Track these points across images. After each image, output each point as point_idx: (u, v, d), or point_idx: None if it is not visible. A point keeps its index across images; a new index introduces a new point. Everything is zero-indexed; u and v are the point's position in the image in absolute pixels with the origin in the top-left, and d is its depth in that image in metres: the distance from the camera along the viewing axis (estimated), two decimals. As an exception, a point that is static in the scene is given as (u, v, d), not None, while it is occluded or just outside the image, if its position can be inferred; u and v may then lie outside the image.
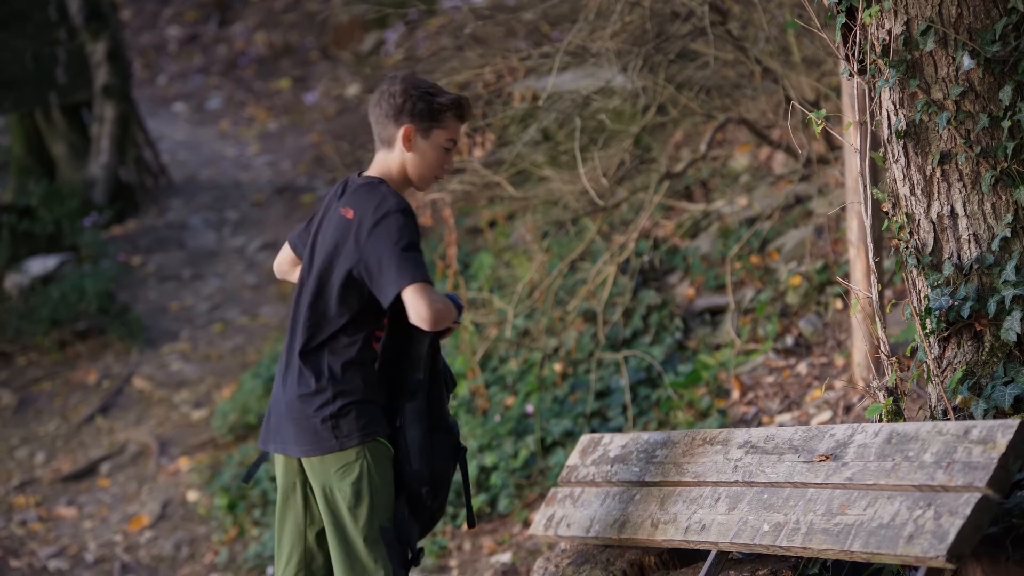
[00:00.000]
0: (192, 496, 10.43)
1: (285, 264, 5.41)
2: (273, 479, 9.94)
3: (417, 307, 4.77)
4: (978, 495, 4.02)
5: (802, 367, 8.17)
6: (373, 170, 5.15)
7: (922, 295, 4.93)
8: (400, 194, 5.03)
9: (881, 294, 5.11)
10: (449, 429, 5.12)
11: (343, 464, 4.93)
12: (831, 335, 8.26)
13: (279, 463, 5.18)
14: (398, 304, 4.84)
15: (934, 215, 4.87)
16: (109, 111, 15.70)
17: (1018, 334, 4.67)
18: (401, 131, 5.03)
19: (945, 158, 4.80)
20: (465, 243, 11.35)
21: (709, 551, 4.96)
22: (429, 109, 5.02)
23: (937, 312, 4.84)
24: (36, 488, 10.99)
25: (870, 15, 4.83)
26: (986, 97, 4.73)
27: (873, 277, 5.19)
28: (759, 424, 7.86)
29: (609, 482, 5.45)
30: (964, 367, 4.81)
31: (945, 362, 4.91)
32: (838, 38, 5.00)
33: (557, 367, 9.13)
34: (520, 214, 10.38)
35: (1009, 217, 4.72)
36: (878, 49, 4.87)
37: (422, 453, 5.02)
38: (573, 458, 5.77)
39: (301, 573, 5.17)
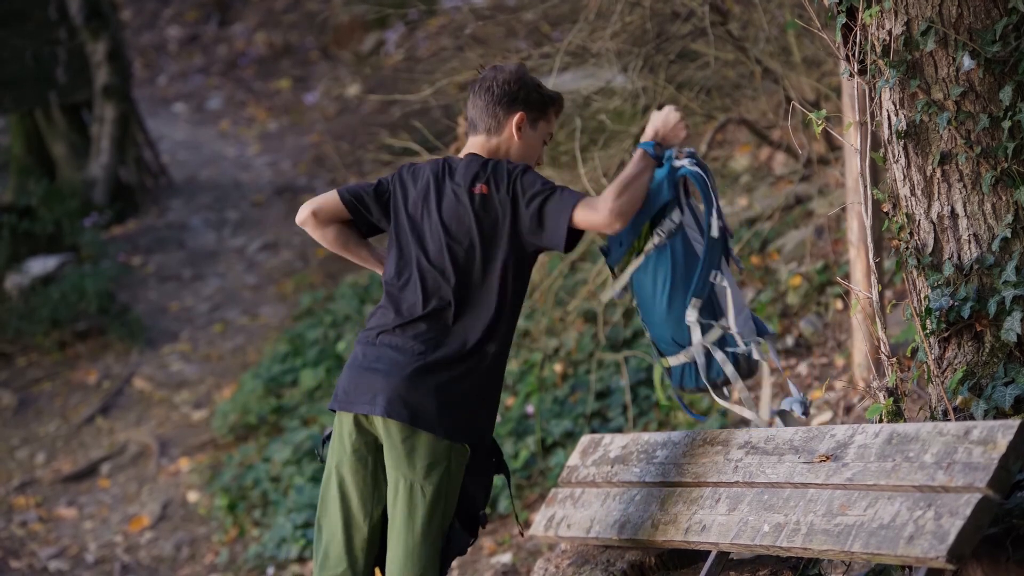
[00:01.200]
0: (192, 497, 10.43)
1: (324, 214, 5.21)
2: (274, 479, 9.94)
3: (600, 207, 4.85)
4: (978, 496, 4.02)
5: (802, 367, 8.17)
6: (474, 150, 5.12)
7: (922, 295, 4.93)
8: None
9: (881, 294, 5.11)
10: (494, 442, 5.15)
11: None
12: (831, 335, 8.25)
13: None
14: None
15: (934, 215, 4.87)
16: (109, 111, 15.70)
17: (1018, 334, 4.67)
18: (516, 117, 5.08)
19: (945, 158, 4.80)
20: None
21: (709, 552, 4.96)
22: (541, 100, 5.14)
23: (937, 312, 4.84)
24: (36, 489, 10.99)
25: (870, 15, 4.82)
26: (986, 97, 4.72)
27: (873, 277, 5.19)
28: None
29: (609, 483, 5.45)
30: (964, 368, 4.81)
31: (945, 363, 4.90)
32: (838, 38, 5.00)
33: (557, 368, 9.13)
34: (520, 214, 10.35)
35: (1009, 217, 4.71)
36: (878, 49, 4.86)
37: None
38: (573, 459, 5.77)
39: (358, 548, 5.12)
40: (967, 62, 4.70)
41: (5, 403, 12.21)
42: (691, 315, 5.09)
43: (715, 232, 5.09)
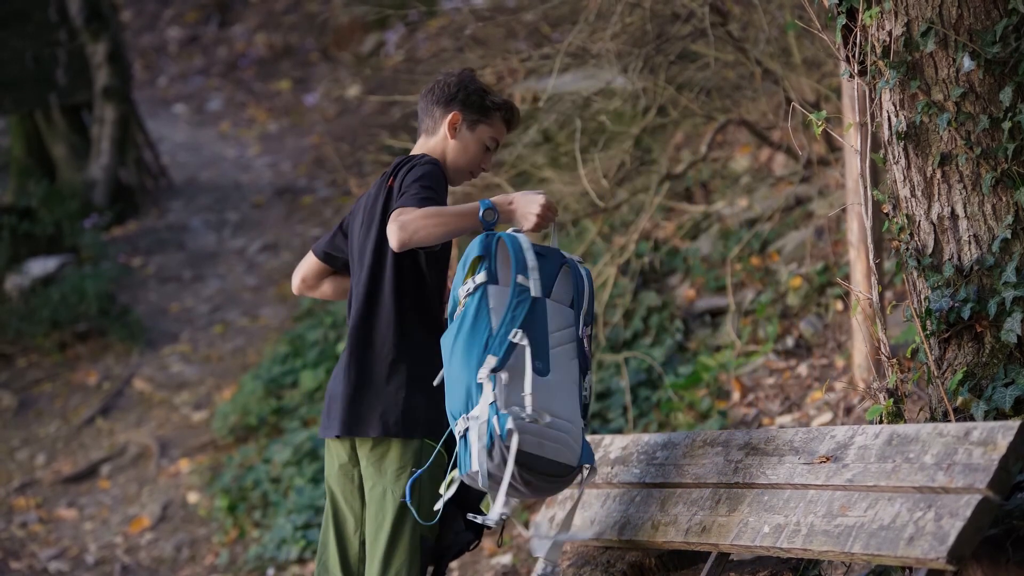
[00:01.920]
0: (192, 498, 10.43)
1: (311, 277, 5.32)
2: (274, 480, 9.94)
3: (401, 220, 4.68)
4: (978, 497, 4.02)
5: (802, 368, 8.17)
6: (414, 150, 5.18)
7: (922, 296, 4.93)
8: None
9: (881, 295, 5.11)
10: None
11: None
12: (831, 336, 8.25)
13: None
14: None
15: (934, 216, 4.87)
16: (109, 112, 15.70)
17: (1018, 336, 4.67)
18: (449, 117, 5.07)
19: (945, 159, 4.80)
20: (465, 244, 11.34)
21: (710, 553, 4.96)
22: (480, 103, 5.08)
23: (937, 313, 4.84)
24: (37, 490, 10.99)
25: (870, 16, 4.82)
26: (986, 98, 4.72)
27: (873, 278, 5.19)
28: (759, 426, 7.85)
29: (610, 484, 5.45)
30: (964, 369, 4.81)
31: (945, 364, 4.90)
32: (838, 39, 5.00)
33: (558, 368, 9.11)
34: (520, 215, 10.35)
35: (1009, 218, 4.71)
36: (878, 50, 4.86)
37: None
38: (573, 460, 5.76)
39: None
40: (967, 63, 4.70)
41: (5, 404, 12.21)
42: (482, 372, 4.52)
43: (532, 288, 4.63)
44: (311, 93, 18.61)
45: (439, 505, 4.74)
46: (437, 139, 5.12)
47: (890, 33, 4.83)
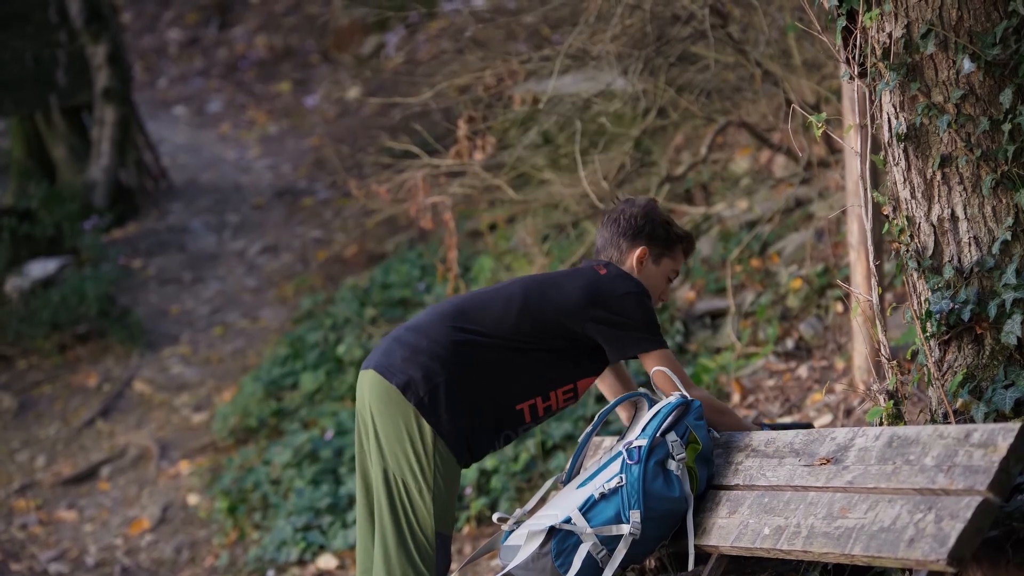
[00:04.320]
0: (192, 499, 10.43)
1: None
2: (274, 482, 9.93)
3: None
4: (979, 498, 4.01)
5: (803, 370, 8.17)
6: None
7: (922, 298, 4.93)
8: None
9: (881, 297, 5.10)
10: None
11: None
12: (832, 338, 8.25)
13: None
14: None
15: (934, 218, 4.87)
16: (109, 114, 15.70)
17: (1019, 337, 4.67)
18: (637, 252, 5.20)
19: (945, 161, 4.80)
20: (466, 246, 11.36)
21: (710, 554, 4.96)
22: (667, 237, 5.23)
23: (938, 315, 4.84)
24: (36, 491, 10.98)
25: (870, 18, 4.82)
26: (986, 100, 4.72)
27: (873, 280, 5.18)
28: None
29: (610, 485, 5.44)
30: (965, 370, 4.81)
31: (946, 365, 4.90)
32: (838, 41, 5.00)
33: (558, 370, 9.11)
34: (521, 217, 10.37)
35: (1010, 220, 4.71)
36: (878, 52, 4.86)
37: None
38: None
39: None
40: (967, 65, 4.70)
41: (5, 406, 12.21)
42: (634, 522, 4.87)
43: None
44: (311, 95, 18.61)
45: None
46: (620, 270, 5.21)
47: (890, 35, 4.83)
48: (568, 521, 4.85)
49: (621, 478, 4.86)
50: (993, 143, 4.72)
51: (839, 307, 8.33)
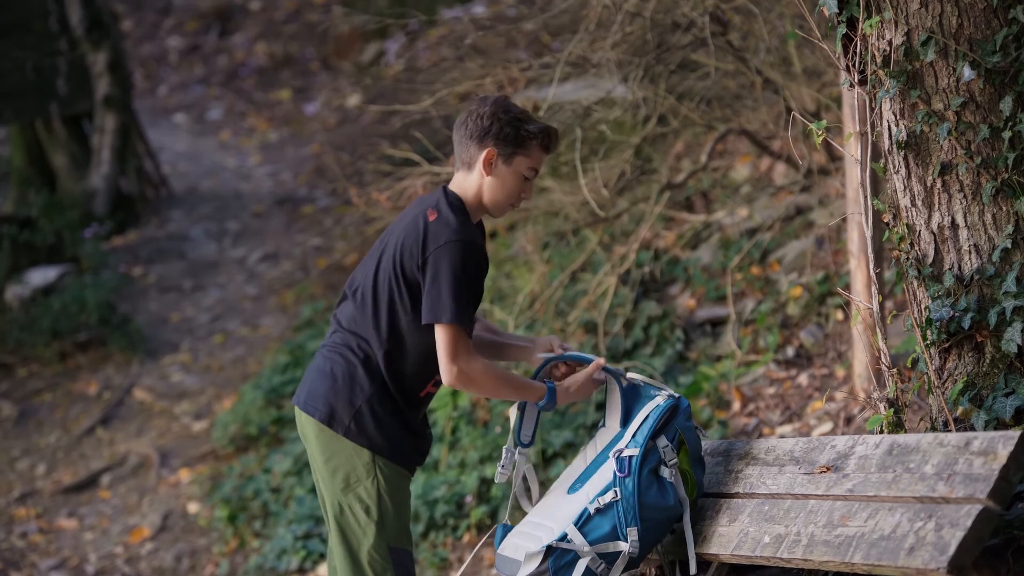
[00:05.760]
0: (193, 508, 10.42)
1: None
2: (274, 490, 9.93)
3: (459, 362, 4.89)
4: (979, 507, 4.01)
5: (803, 378, 8.16)
6: (452, 186, 5.10)
7: (923, 306, 4.93)
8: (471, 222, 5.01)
9: (882, 305, 5.10)
10: None
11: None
12: (832, 346, 8.25)
13: None
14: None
15: (935, 226, 4.87)
16: (110, 122, 15.70)
17: (1019, 345, 4.67)
18: (483, 154, 4.97)
19: (946, 169, 4.80)
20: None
21: (710, 563, 4.96)
22: (516, 135, 4.97)
23: (938, 323, 4.84)
24: (37, 500, 10.98)
25: (871, 26, 4.82)
26: (987, 108, 4.72)
27: (874, 288, 5.18)
28: (760, 435, 7.85)
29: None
30: (965, 378, 4.81)
31: (946, 373, 4.90)
32: (839, 49, 5.00)
33: (558, 378, 9.11)
34: (521, 225, 10.38)
35: (1010, 228, 4.71)
36: (879, 60, 4.86)
37: None
38: (574, 469, 5.76)
39: None
40: (967, 73, 4.70)
41: (5, 414, 12.21)
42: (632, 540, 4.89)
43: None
44: (311, 102, 18.61)
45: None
46: (474, 176, 5.02)
47: (890, 43, 4.84)
48: (564, 538, 4.85)
49: (616, 492, 4.85)
50: (993, 151, 4.73)
51: (839, 315, 8.33)
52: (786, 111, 8.58)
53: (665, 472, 4.88)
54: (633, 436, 4.93)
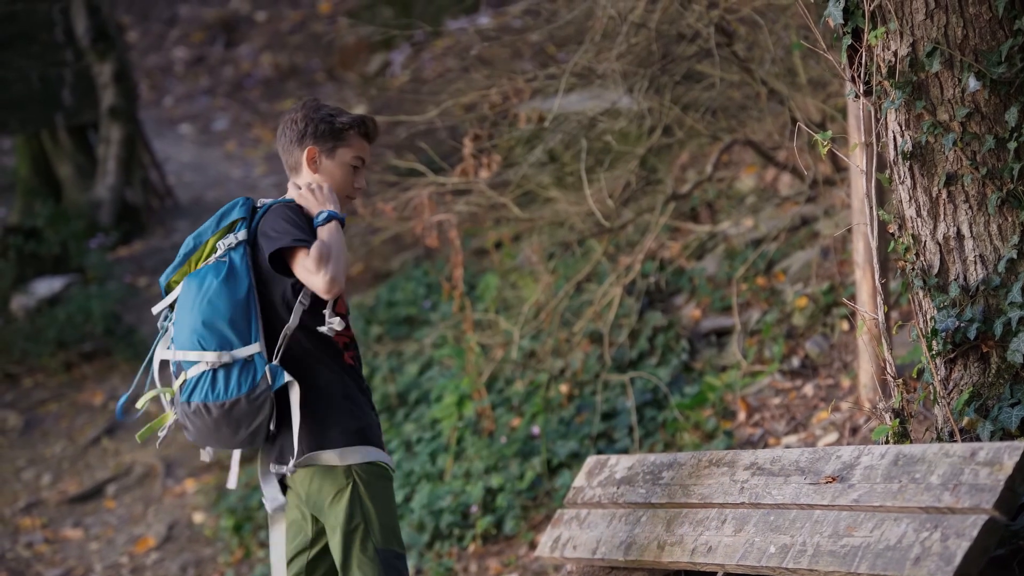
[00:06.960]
0: (198, 518, 10.42)
1: None
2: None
3: (317, 276, 4.82)
4: (985, 517, 4.01)
5: (808, 388, 8.16)
6: (288, 193, 5.12)
7: (928, 316, 4.93)
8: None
9: (887, 315, 5.10)
10: None
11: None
12: (837, 356, 8.25)
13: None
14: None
15: (940, 236, 4.87)
16: (115, 132, 15.73)
17: (1024, 355, 4.67)
18: (305, 153, 5.02)
19: (951, 179, 4.80)
20: (471, 264, 11.35)
21: (715, 573, 4.95)
22: (331, 129, 5.03)
23: (943, 333, 4.84)
24: (42, 510, 10.98)
25: (876, 36, 4.83)
26: (992, 118, 4.73)
27: (879, 298, 5.18)
28: (765, 446, 7.85)
29: (615, 504, 5.44)
30: (971, 389, 4.81)
31: (951, 384, 4.90)
32: (844, 59, 5.01)
33: (563, 388, 9.13)
34: (526, 235, 10.38)
35: (1015, 238, 4.71)
36: (884, 70, 4.87)
37: None
38: (579, 480, 5.76)
39: None
40: (972, 83, 4.71)
41: (11, 424, 12.22)
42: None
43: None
44: (317, 113, 18.61)
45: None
46: (303, 178, 5.06)
47: (895, 53, 4.84)
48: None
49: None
50: (999, 161, 4.73)
51: (845, 325, 8.33)
52: (791, 122, 8.58)
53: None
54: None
